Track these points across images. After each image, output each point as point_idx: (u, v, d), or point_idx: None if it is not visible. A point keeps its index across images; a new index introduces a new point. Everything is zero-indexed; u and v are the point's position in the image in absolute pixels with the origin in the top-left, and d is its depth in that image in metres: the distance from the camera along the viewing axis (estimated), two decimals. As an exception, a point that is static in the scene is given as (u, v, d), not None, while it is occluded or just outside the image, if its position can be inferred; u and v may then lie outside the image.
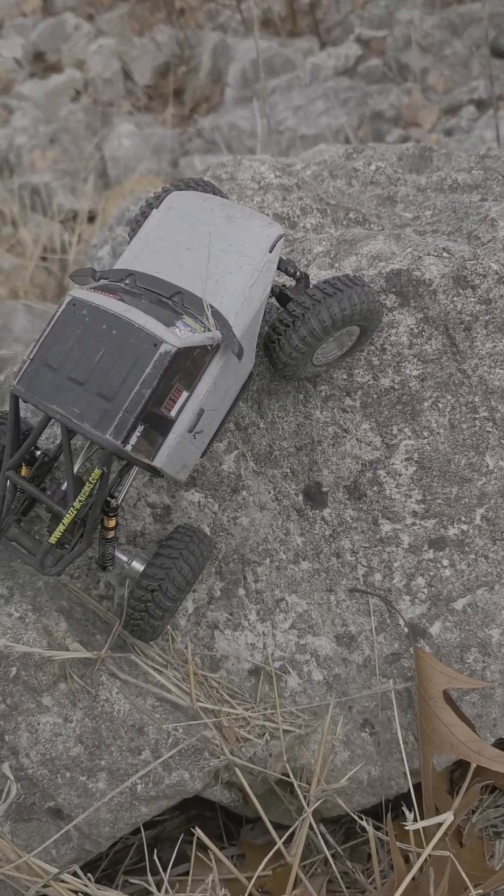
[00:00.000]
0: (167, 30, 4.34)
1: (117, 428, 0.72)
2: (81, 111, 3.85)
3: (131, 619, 0.86)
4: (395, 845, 0.79)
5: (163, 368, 0.73)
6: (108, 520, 0.85)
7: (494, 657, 0.95)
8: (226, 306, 0.80)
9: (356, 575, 0.97)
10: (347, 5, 4.23)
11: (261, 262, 0.83)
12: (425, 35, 3.79)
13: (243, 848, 1.05)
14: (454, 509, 0.96)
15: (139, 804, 0.91)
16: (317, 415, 0.97)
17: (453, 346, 0.96)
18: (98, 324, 0.75)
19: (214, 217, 0.87)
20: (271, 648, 0.98)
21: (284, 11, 4.30)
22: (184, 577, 0.84)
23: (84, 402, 0.74)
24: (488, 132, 2.89)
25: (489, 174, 1.25)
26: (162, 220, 0.88)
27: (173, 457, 0.79)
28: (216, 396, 0.82)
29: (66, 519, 0.79)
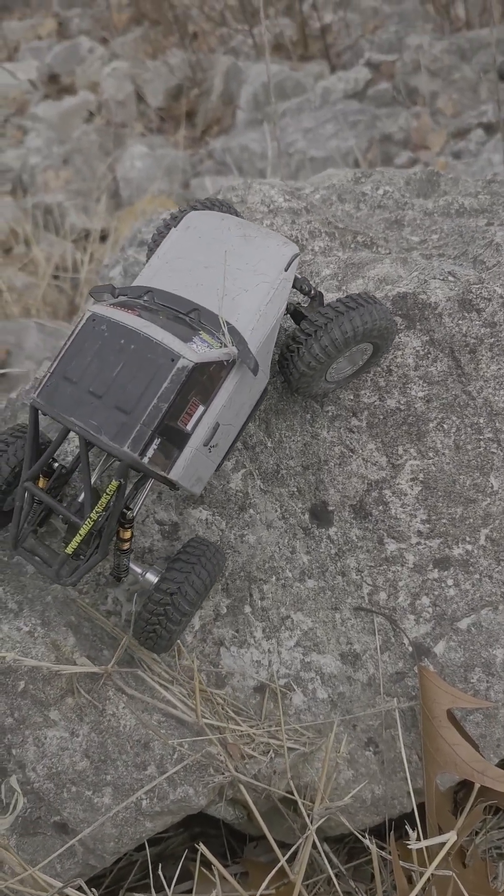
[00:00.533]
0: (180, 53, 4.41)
1: (135, 440, 0.74)
2: (94, 132, 3.91)
3: (144, 630, 0.87)
4: (398, 864, 0.79)
5: (180, 383, 0.74)
6: (124, 531, 0.86)
7: (499, 677, 0.96)
8: (242, 323, 0.82)
9: (361, 593, 0.98)
10: (358, 30, 4.29)
11: (276, 280, 0.85)
12: (434, 59, 3.85)
13: (247, 866, 1.05)
14: (459, 529, 0.97)
15: (144, 819, 0.91)
16: (323, 434, 0.99)
17: (459, 368, 0.97)
18: (117, 339, 0.77)
19: (231, 236, 0.89)
20: (276, 666, 0.98)
21: (296, 36, 4.37)
22: (196, 591, 0.85)
23: (102, 414, 0.76)
24: (496, 155, 2.92)
25: (495, 199, 1.27)
26: (180, 238, 0.91)
27: (189, 470, 0.81)
28: (231, 411, 0.84)
29: (83, 530, 0.80)
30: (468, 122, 3.53)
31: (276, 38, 4.31)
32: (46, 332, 1.94)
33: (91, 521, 0.80)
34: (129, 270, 1.41)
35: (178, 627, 0.86)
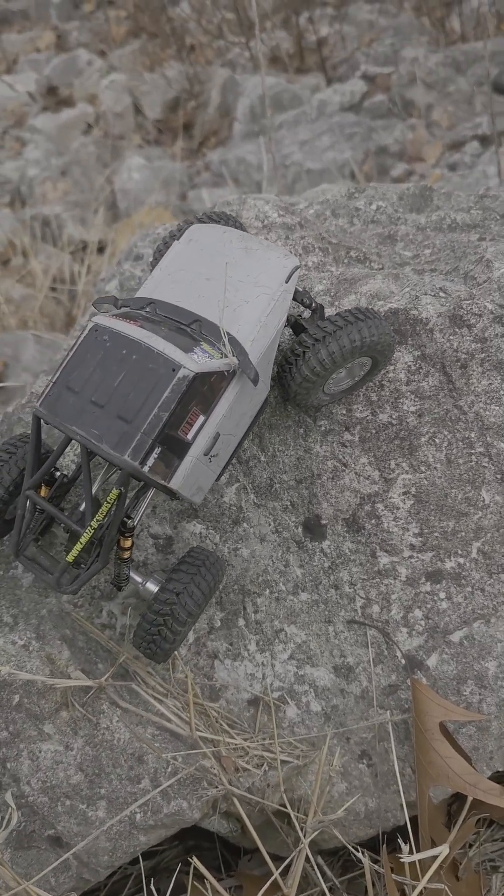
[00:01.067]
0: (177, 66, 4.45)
1: (135, 449, 0.75)
2: (93, 144, 3.94)
3: (144, 639, 0.87)
4: (391, 878, 0.79)
5: (181, 392, 0.75)
6: (125, 540, 0.87)
7: (491, 689, 0.96)
8: (242, 334, 0.83)
9: (354, 607, 0.99)
10: (354, 43, 4.33)
11: (277, 291, 0.86)
12: (430, 72, 3.88)
13: (241, 879, 1.05)
14: (451, 543, 0.98)
15: (138, 833, 0.92)
16: (316, 449, 0.99)
17: (450, 383, 0.98)
18: (119, 349, 0.78)
19: (233, 249, 0.90)
20: (270, 679, 0.99)
21: (292, 49, 4.41)
22: (195, 600, 0.86)
23: (104, 424, 0.77)
24: (491, 167, 2.94)
25: (487, 214, 1.28)
26: (182, 251, 0.92)
27: (189, 479, 0.82)
28: (232, 421, 0.85)
29: (84, 538, 0.81)
30: (463, 134, 3.56)
31: (273, 51, 4.34)
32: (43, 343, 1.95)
33: (92, 530, 0.81)
34: (126, 284, 1.42)
35: (177, 637, 0.87)
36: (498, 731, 0.96)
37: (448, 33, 4.29)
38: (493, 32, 4.21)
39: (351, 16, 4.49)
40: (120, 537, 0.87)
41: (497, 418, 0.97)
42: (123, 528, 0.86)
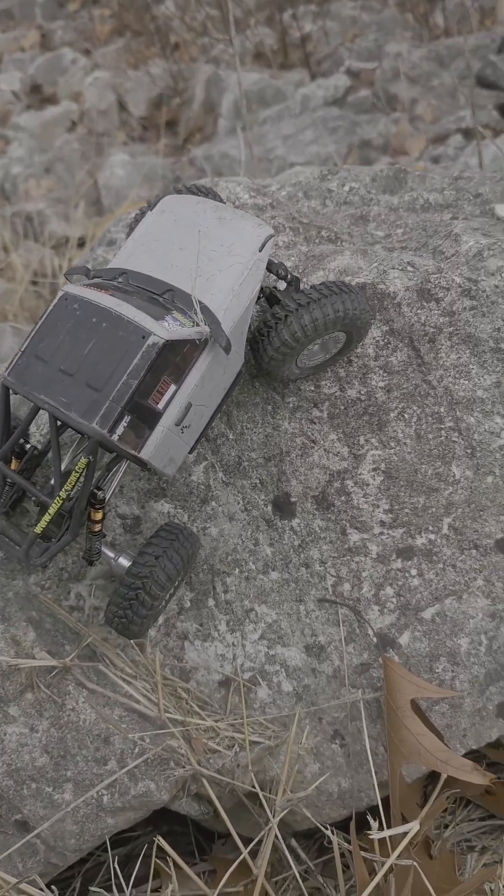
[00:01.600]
0: (162, 63, 4.44)
1: (104, 417, 0.74)
2: (77, 141, 3.93)
3: (115, 616, 0.86)
4: (359, 854, 0.78)
5: (150, 360, 0.74)
6: (95, 512, 0.85)
7: (463, 666, 0.95)
8: (215, 303, 0.82)
9: (325, 585, 0.98)
10: (337, 38, 4.33)
11: (250, 260, 0.85)
12: (413, 67, 3.88)
13: (214, 863, 1.04)
14: (421, 519, 0.97)
15: (105, 815, 0.90)
16: (285, 426, 0.98)
17: (418, 358, 0.97)
18: (89, 317, 0.77)
19: (207, 219, 0.89)
20: (241, 659, 0.98)
21: (276, 45, 4.40)
22: (167, 575, 0.84)
23: (73, 392, 0.75)
24: (473, 159, 2.94)
25: (461, 194, 1.27)
26: (156, 221, 0.91)
27: (160, 450, 0.80)
28: (204, 392, 0.84)
29: (52, 508, 0.80)
30: (447, 127, 3.56)
31: (257, 48, 4.34)
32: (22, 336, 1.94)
33: (60, 500, 0.80)
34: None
35: (150, 612, 0.85)
36: (471, 708, 0.95)
37: (431, 28, 4.29)
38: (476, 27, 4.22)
39: (334, 12, 4.49)
40: (90, 509, 0.85)
41: (466, 392, 0.97)
42: (94, 499, 0.84)
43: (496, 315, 0.96)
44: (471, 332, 0.97)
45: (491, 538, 0.96)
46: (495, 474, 0.96)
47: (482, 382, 0.97)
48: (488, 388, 0.97)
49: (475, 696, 0.95)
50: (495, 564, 0.96)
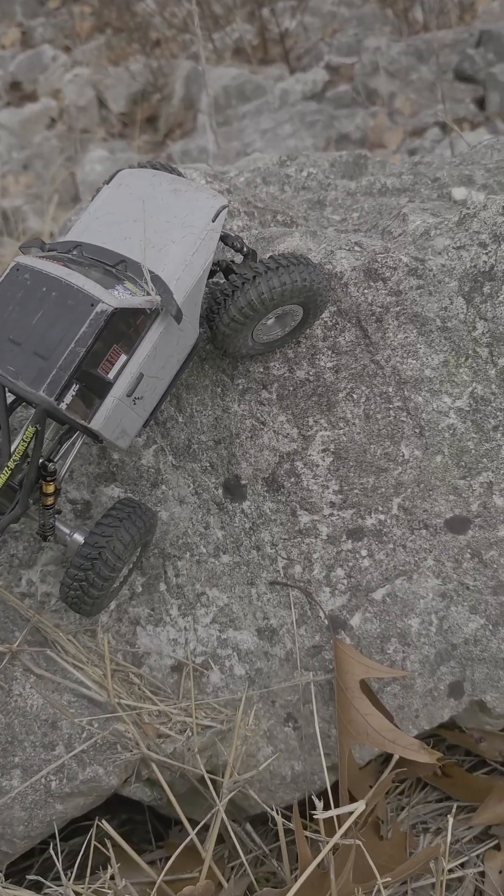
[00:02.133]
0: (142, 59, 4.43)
1: (51, 385, 0.73)
2: (56, 138, 3.91)
3: (70, 589, 0.85)
4: (301, 834, 0.78)
5: (98, 327, 0.74)
6: (47, 485, 0.84)
7: (414, 647, 0.95)
8: (167, 273, 0.81)
9: (276, 567, 0.97)
10: (317, 34, 4.33)
11: (203, 230, 0.84)
12: (392, 61, 3.88)
13: (170, 849, 1.03)
14: (371, 499, 0.97)
15: (54, 801, 0.89)
16: (234, 408, 0.98)
17: (366, 338, 0.97)
18: (39, 287, 0.76)
19: (162, 191, 0.88)
20: (193, 643, 0.97)
21: (256, 40, 4.40)
22: (123, 546, 0.84)
23: (21, 360, 0.75)
24: (448, 151, 2.95)
25: (419, 178, 1.27)
26: (111, 194, 0.90)
27: (111, 421, 0.80)
28: (157, 363, 0.83)
29: (0, 480, 0.79)
30: (425, 121, 3.56)
31: (237, 43, 4.33)
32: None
33: (9, 470, 0.79)
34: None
35: (104, 589, 0.85)
36: (422, 689, 0.95)
37: (411, 23, 4.29)
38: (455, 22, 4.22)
39: (314, 7, 4.49)
40: (42, 482, 0.84)
41: (414, 372, 0.96)
42: (44, 471, 0.83)
43: (443, 294, 0.96)
44: (418, 312, 0.96)
45: (440, 518, 0.96)
46: (444, 454, 0.96)
47: (429, 362, 0.96)
48: (436, 367, 0.96)
49: (426, 677, 0.95)
50: (445, 544, 0.96)
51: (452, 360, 0.97)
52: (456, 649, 0.95)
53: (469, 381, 0.96)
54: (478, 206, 0.99)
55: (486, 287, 0.96)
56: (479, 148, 1.39)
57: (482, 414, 0.96)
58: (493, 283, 0.97)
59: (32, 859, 1.10)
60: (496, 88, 3.52)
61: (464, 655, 0.94)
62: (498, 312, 0.96)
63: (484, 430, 0.96)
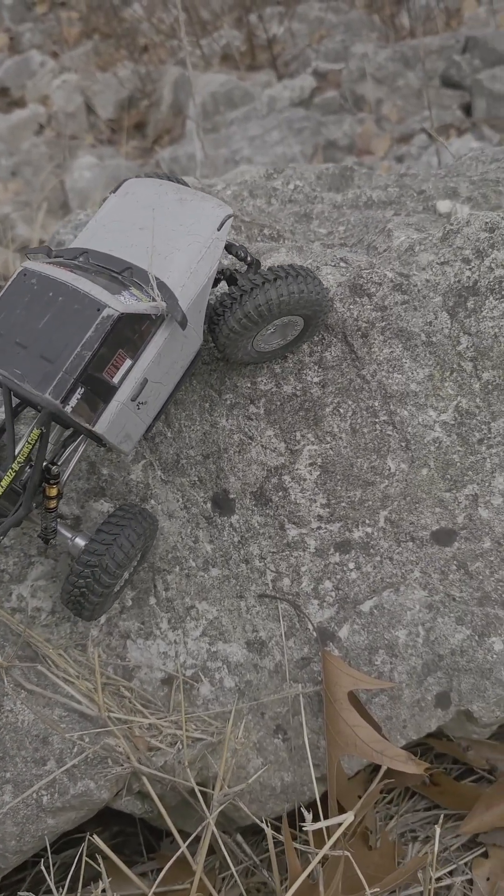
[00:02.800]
0: (130, 65, 4.44)
1: (56, 388, 0.74)
2: (44, 144, 3.91)
3: (71, 595, 0.86)
4: (290, 845, 0.79)
5: (104, 332, 0.75)
6: (50, 488, 0.85)
7: (402, 658, 0.96)
8: (172, 280, 0.82)
9: (265, 580, 0.98)
10: (304, 40, 4.35)
11: (208, 239, 0.85)
12: (379, 67, 3.90)
13: (161, 861, 1.04)
14: (358, 512, 0.98)
15: (45, 816, 0.90)
16: (222, 423, 0.99)
17: (352, 353, 0.98)
18: (46, 291, 0.78)
19: (168, 200, 0.90)
20: (183, 657, 0.98)
21: (244, 47, 4.41)
22: (124, 552, 0.85)
23: (27, 364, 0.76)
24: (435, 158, 2.97)
25: (404, 191, 1.29)
26: (118, 203, 0.92)
27: (115, 425, 0.81)
28: (161, 368, 0.84)
29: (4, 481, 0.80)
30: (412, 127, 3.58)
31: (224, 50, 4.35)
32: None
33: (13, 472, 0.79)
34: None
35: (102, 599, 0.86)
36: (410, 700, 0.96)
37: (397, 29, 4.32)
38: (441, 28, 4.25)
39: (301, 13, 4.51)
40: (46, 486, 0.85)
41: (399, 386, 0.97)
42: (48, 474, 0.84)
43: (427, 309, 0.97)
44: (403, 327, 0.98)
45: (427, 530, 0.97)
46: (430, 466, 0.97)
47: (415, 376, 0.98)
48: (421, 381, 0.98)
49: (413, 687, 0.96)
50: (431, 556, 0.97)
51: (437, 374, 0.98)
52: (443, 660, 0.96)
53: (454, 395, 0.98)
54: (461, 223, 1.00)
55: (469, 302, 0.98)
56: (464, 160, 1.40)
57: (467, 427, 0.98)
58: (476, 297, 0.98)
59: (24, 873, 1.11)
60: (482, 94, 3.55)
61: (450, 666, 0.96)
62: (482, 327, 0.97)
63: (469, 443, 0.98)
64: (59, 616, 0.99)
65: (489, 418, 0.97)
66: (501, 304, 0.98)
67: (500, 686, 0.95)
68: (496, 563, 0.96)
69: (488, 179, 1.25)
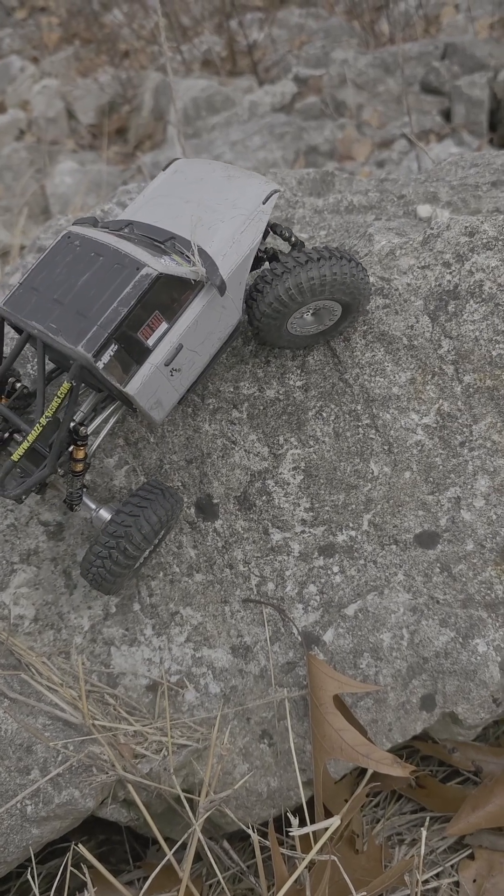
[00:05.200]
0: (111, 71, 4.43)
1: (90, 341, 0.74)
2: (25, 149, 3.90)
3: (89, 571, 0.86)
4: (277, 851, 0.78)
5: (142, 290, 0.75)
6: (78, 450, 0.84)
7: (386, 661, 0.96)
8: (214, 248, 0.83)
9: (249, 585, 0.98)
10: (285, 46, 4.37)
11: (252, 211, 0.85)
12: (360, 73, 3.93)
13: (147, 869, 1.03)
14: (342, 516, 0.98)
15: (30, 826, 0.89)
16: (205, 427, 0.99)
17: (334, 357, 0.98)
18: (88, 252, 0.79)
19: (216, 176, 0.90)
20: (168, 663, 0.97)
21: (225, 52, 4.43)
22: (150, 527, 0.84)
23: (63, 319, 0.76)
24: (415, 164, 2.99)
25: (385, 195, 1.29)
26: (166, 179, 0.92)
27: (147, 388, 0.80)
28: (197, 336, 0.83)
29: (32, 435, 0.79)
30: (393, 132, 3.60)
31: (205, 55, 4.35)
32: None
33: (40, 427, 0.79)
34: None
35: (124, 571, 0.86)
36: (395, 703, 0.96)
37: (377, 35, 4.35)
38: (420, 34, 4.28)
39: (282, 19, 4.53)
40: (74, 447, 0.84)
41: (382, 390, 0.98)
42: (76, 435, 0.83)
43: (409, 313, 0.98)
44: (384, 330, 0.98)
45: (410, 533, 0.98)
46: (412, 470, 0.98)
47: (397, 379, 0.98)
48: (403, 384, 0.98)
49: (399, 690, 0.96)
50: (415, 559, 0.97)
51: (419, 377, 0.98)
52: (427, 662, 0.96)
53: (436, 399, 0.98)
54: (441, 227, 1.01)
55: (450, 306, 0.98)
56: (443, 165, 1.41)
57: (449, 430, 0.98)
58: (457, 301, 0.99)
59: (9, 884, 1.09)
60: (461, 100, 3.58)
61: (435, 668, 0.96)
62: (462, 330, 0.98)
63: (451, 445, 0.98)
64: (43, 624, 0.98)
65: (471, 421, 0.98)
66: (482, 307, 0.98)
67: (485, 688, 0.95)
68: (479, 566, 0.97)
69: (468, 184, 1.26)
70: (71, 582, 0.99)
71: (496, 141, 3.31)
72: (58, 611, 0.98)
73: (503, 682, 0.95)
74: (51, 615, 0.98)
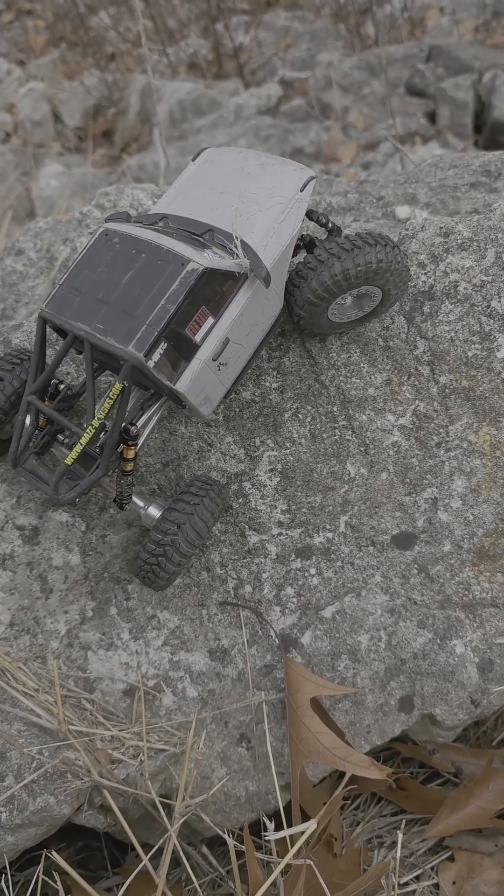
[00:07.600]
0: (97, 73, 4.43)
1: (140, 341, 0.73)
2: (10, 152, 3.89)
3: (142, 569, 0.86)
4: (252, 855, 0.78)
5: (189, 286, 0.74)
6: (128, 450, 0.84)
7: (364, 663, 0.96)
8: (255, 240, 0.82)
9: (226, 588, 0.98)
10: (271, 49, 4.37)
11: (291, 200, 0.85)
12: (345, 76, 3.94)
13: (126, 875, 1.02)
14: (319, 518, 0.98)
15: (4, 833, 0.88)
16: (181, 430, 0.98)
17: (310, 358, 0.98)
18: (128, 249, 0.77)
19: (248, 165, 0.89)
20: (145, 667, 0.97)
21: (211, 55, 4.43)
22: (197, 532, 0.84)
23: (109, 319, 0.75)
24: (399, 166, 3.00)
25: (364, 197, 1.29)
26: (197, 170, 0.91)
27: (196, 384, 0.80)
28: (243, 329, 0.83)
29: (84, 438, 0.79)
30: (378, 134, 3.61)
31: (191, 58, 4.36)
32: None
33: (93, 429, 0.79)
34: (7, 280, 1.39)
35: (178, 568, 0.86)
36: (373, 705, 0.96)
37: (363, 38, 4.36)
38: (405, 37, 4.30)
39: (268, 22, 4.54)
40: (124, 447, 0.84)
41: (358, 391, 0.98)
42: (127, 435, 0.82)
43: (384, 314, 0.98)
44: (360, 331, 0.98)
45: (387, 534, 0.97)
46: (389, 471, 0.98)
47: (373, 381, 0.98)
48: (379, 386, 0.98)
49: (377, 692, 0.96)
50: (392, 560, 0.97)
51: (395, 378, 0.98)
52: (405, 664, 0.96)
53: (412, 399, 0.98)
54: (416, 228, 1.01)
55: (426, 306, 0.98)
56: (423, 166, 1.42)
57: (425, 431, 0.98)
58: (432, 302, 0.99)
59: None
60: (446, 102, 3.59)
61: (413, 670, 0.96)
62: (438, 331, 0.98)
63: (427, 446, 0.98)
64: (18, 629, 0.97)
65: (447, 422, 0.98)
66: (457, 308, 0.98)
67: (462, 689, 0.95)
68: (456, 566, 0.97)
69: (446, 185, 1.27)
70: (47, 586, 0.98)
71: (481, 143, 3.32)
72: (34, 615, 0.98)
73: (481, 683, 0.95)
74: (26, 620, 0.97)
